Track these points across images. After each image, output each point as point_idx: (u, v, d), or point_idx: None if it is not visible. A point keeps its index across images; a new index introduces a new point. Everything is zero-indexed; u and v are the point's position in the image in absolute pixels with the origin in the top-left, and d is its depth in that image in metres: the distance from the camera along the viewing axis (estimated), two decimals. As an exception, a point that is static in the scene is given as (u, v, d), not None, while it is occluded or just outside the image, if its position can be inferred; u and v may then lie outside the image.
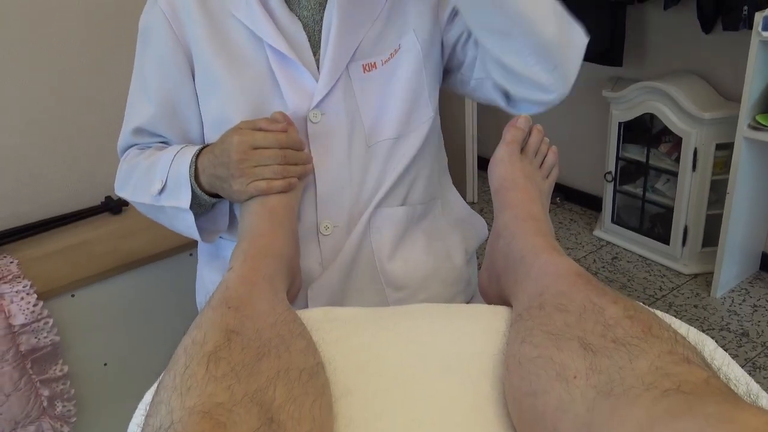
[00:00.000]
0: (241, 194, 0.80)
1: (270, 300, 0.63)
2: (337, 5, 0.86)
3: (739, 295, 2.24)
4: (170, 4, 0.88)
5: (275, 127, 0.80)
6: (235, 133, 0.80)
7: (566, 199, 3.03)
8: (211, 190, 0.84)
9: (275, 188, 0.80)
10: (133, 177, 0.92)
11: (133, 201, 0.93)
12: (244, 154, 0.79)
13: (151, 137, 0.94)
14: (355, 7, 0.87)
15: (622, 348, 0.48)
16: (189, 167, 0.83)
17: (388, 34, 0.89)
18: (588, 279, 0.60)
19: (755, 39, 1.82)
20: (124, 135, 0.96)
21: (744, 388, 0.46)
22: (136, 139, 0.95)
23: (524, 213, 0.75)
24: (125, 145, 0.97)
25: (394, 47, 0.89)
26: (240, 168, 0.79)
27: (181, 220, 0.87)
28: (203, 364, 0.50)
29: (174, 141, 0.93)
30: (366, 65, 0.88)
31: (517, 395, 0.53)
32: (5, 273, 1.35)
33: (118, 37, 1.68)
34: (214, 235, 0.93)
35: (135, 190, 0.91)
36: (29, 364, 1.29)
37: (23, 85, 1.56)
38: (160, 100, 0.90)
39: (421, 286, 0.93)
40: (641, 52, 2.49)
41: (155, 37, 0.90)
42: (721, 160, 2.22)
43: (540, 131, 0.84)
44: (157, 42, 0.89)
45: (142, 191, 0.89)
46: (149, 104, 0.91)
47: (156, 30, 0.89)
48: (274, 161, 0.79)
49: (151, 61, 0.91)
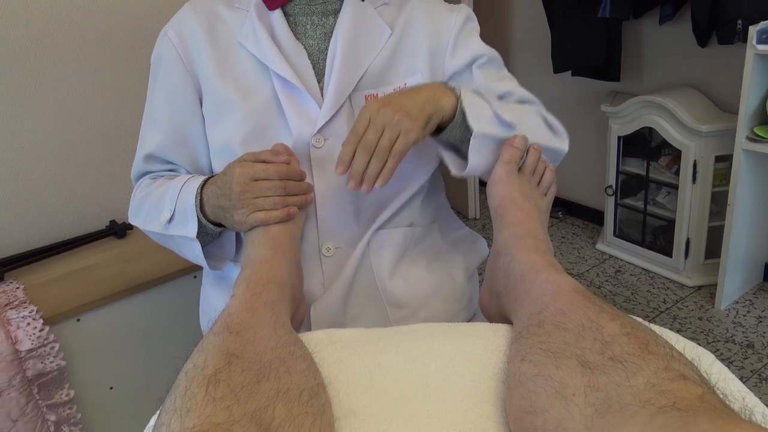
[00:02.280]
0: (242, 225, 0.82)
1: (271, 325, 0.64)
2: (341, 36, 0.89)
3: (744, 306, 2.24)
4: (179, 35, 0.92)
5: (276, 159, 0.82)
6: (237, 165, 0.81)
7: (568, 214, 3.04)
8: (215, 219, 0.86)
9: (274, 218, 0.81)
10: (144, 207, 0.94)
11: (145, 230, 0.95)
12: (245, 186, 0.80)
13: (162, 164, 0.97)
14: (359, 38, 0.90)
15: (619, 365, 0.49)
16: (195, 198, 0.85)
17: (394, 69, 0.92)
18: (586, 296, 0.61)
19: (750, 52, 1.84)
20: (136, 162, 0.99)
21: (740, 404, 0.46)
22: (148, 166, 0.98)
23: (523, 231, 0.76)
24: (138, 173, 1.00)
25: (400, 84, 0.92)
26: (241, 199, 0.80)
27: (189, 248, 0.89)
28: (203, 386, 0.51)
29: (184, 167, 0.96)
30: (369, 96, 0.90)
31: (517, 413, 0.54)
32: (11, 299, 1.36)
33: (123, 65, 1.70)
34: (221, 263, 0.94)
35: (146, 220, 0.94)
36: (36, 389, 1.30)
37: (27, 111, 1.58)
38: (169, 128, 0.93)
39: (423, 305, 0.94)
40: (638, 66, 2.52)
41: (164, 66, 0.93)
42: (721, 172, 2.23)
43: (537, 150, 0.86)
44: (166, 71, 0.93)
45: (153, 221, 0.92)
46: (159, 132, 0.94)
47: (165, 60, 0.93)
48: (274, 192, 0.81)
49: (160, 90, 0.94)
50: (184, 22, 0.93)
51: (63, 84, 1.62)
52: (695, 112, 2.20)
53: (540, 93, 3.45)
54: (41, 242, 1.65)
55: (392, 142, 0.78)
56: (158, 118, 0.94)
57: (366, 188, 0.79)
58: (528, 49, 2.93)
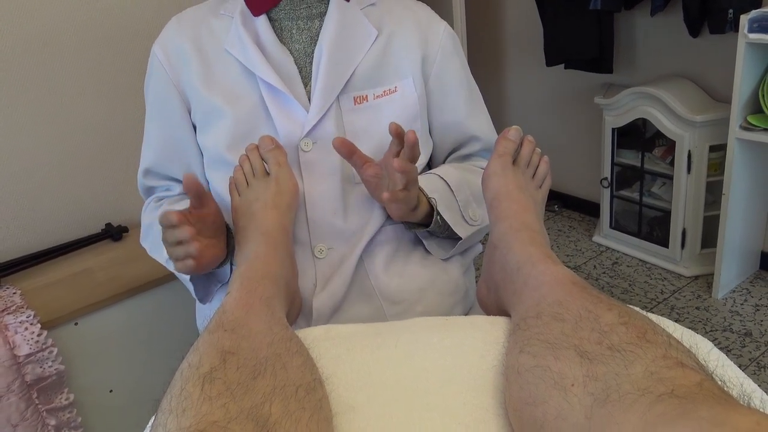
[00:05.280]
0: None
1: (267, 321, 0.64)
2: (326, 39, 0.89)
3: (741, 295, 2.25)
4: (164, 50, 0.95)
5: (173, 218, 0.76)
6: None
7: (564, 207, 3.05)
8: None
9: (181, 270, 0.80)
10: (149, 237, 0.98)
11: (153, 257, 0.98)
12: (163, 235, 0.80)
13: (160, 179, 1.01)
14: (344, 40, 0.90)
15: (617, 354, 0.49)
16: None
17: (383, 72, 0.93)
18: (583, 287, 0.61)
19: (742, 41, 1.84)
20: (138, 178, 1.04)
21: (738, 390, 0.46)
22: (148, 181, 1.02)
23: (519, 223, 0.76)
24: (141, 188, 1.04)
25: (390, 87, 0.93)
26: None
27: (186, 283, 0.93)
28: (198, 385, 0.51)
29: (181, 179, 0.99)
30: (357, 97, 0.91)
31: (517, 405, 0.54)
32: (9, 304, 1.36)
33: (117, 67, 1.70)
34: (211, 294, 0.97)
35: (152, 250, 0.98)
36: (35, 394, 1.30)
37: (21, 116, 1.57)
38: (160, 142, 0.97)
39: (418, 299, 0.94)
40: (631, 58, 2.52)
41: (152, 84, 0.96)
42: (716, 162, 2.24)
43: (531, 142, 0.86)
44: (155, 89, 0.96)
45: (157, 253, 0.95)
46: (152, 147, 0.98)
47: (153, 78, 0.96)
48: (173, 243, 0.79)
49: (151, 107, 0.98)
50: (168, 37, 0.95)
51: (57, 87, 1.61)
52: (688, 102, 2.20)
53: (533, 87, 3.45)
54: (37, 247, 1.65)
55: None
56: (151, 134, 0.98)
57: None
58: (520, 43, 2.92)
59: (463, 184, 0.94)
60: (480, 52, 3.09)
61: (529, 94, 2.97)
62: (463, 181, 0.95)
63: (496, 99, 3.11)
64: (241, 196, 0.88)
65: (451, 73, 0.98)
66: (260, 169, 0.87)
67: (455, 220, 0.92)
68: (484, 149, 1.03)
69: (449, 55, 0.98)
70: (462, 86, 0.99)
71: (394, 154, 0.81)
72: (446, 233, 0.94)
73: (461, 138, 1.01)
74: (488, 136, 1.03)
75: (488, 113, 1.05)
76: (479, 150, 1.03)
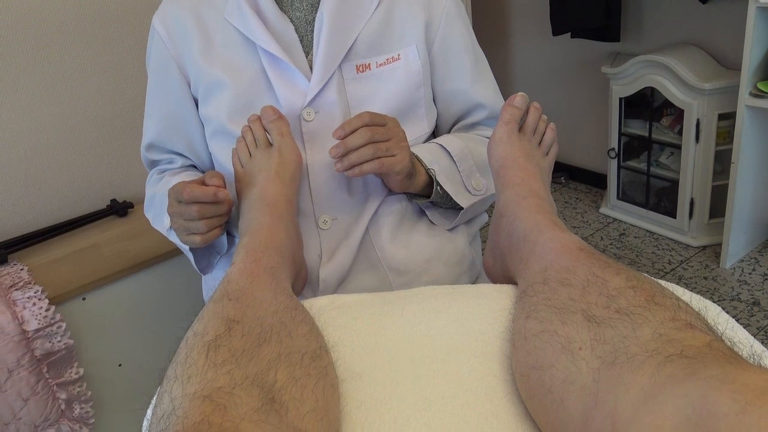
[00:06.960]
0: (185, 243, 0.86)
1: (272, 289, 0.64)
2: (327, 6, 0.87)
3: (749, 264, 2.24)
4: (163, 22, 0.93)
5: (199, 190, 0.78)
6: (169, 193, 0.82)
7: (571, 178, 3.03)
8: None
9: (196, 244, 0.82)
10: (153, 207, 0.98)
11: (155, 227, 0.99)
12: (172, 208, 0.81)
13: (163, 152, 1.01)
14: (346, 7, 0.89)
15: (625, 317, 0.48)
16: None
17: (386, 39, 0.91)
18: (591, 252, 0.60)
19: (752, 6, 1.81)
20: (142, 152, 1.04)
21: (748, 350, 0.46)
22: (151, 155, 1.02)
23: (525, 191, 0.75)
24: (145, 161, 1.05)
25: (393, 54, 0.91)
26: (174, 221, 0.83)
27: (187, 252, 0.93)
28: (203, 352, 0.51)
29: (182, 152, 0.99)
30: (360, 66, 0.89)
31: (524, 370, 0.54)
32: (16, 280, 1.36)
33: (119, 44, 1.68)
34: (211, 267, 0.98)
35: (154, 220, 0.98)
36: (45, 369, 1.31)
37: (26, 93, 1.56)
38: (162, 116, 0.97)
39: (424, 269, 0.93)
40: (638, 26, 2.48)
41: (153, 58, 0.95)
42: (725, 130, 2.21)
43: (538, 109, 0.84)
44: (156, 63, 0.95)
45: (159, 223, 0.95)
46: (154, 121, 0.98)
47: (153, 51, 0.95)
48: (191, 217, 0.79)
49: (152, 81, 0.97)
50: (168, 9, 0.94)
51: (60, 65, 1.60)
52: (697, 69, 2.17)
53: (539, 56, 3.40)
54: (43, 223, 1.65)
55: (387, 152, 0.81)
56: (153, 108, 0.98)
57: (338, 166, 0.81)
58: (526, 12, 2.88)
59: (466, 153, 0.93)
60: (485, 21, 3.05)
61: (534, 64, 2.93)
62: (466, 150, 0.93)
63: (502, 69, 3.07)
64: (244, 167, 0.87)
65: (456, 38, 0.96)
66: (263, 139, 0.86)
67: (456, 189, 0.91)
68: (490, 117, 1.01)
69: (453, 21, 0.95)
70: (467, 52, 0.97)
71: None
72: (449, 203, 0.94)
73: (466, 106, 1.00)
74: (494, 103, 1.00)
75: (495, 80, 1.03)
76: (485, 118, 1.01)
